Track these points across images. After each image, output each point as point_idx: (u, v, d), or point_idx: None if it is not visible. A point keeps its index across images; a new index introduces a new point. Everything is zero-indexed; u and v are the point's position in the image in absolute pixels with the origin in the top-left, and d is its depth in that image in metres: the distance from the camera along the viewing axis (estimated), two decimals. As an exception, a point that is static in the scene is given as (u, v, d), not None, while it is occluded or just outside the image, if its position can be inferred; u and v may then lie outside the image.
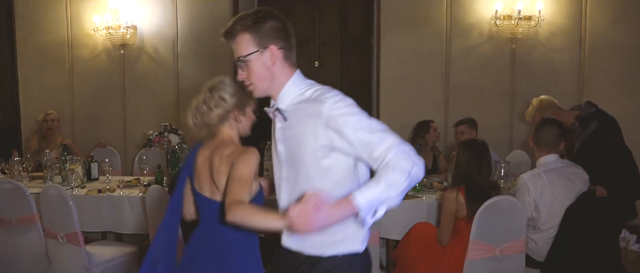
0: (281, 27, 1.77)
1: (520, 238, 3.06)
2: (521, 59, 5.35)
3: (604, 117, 3.64)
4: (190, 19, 5.76)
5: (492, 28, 5.31)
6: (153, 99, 5.92)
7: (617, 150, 3.51)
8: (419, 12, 5.44)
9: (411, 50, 5.47)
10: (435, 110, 5.42)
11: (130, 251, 3.69)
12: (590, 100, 3.84)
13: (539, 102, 4.00)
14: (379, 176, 1.57)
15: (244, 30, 1.76)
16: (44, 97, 6.03)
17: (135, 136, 5.89)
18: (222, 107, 2.03)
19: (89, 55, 5.96)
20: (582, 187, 3.22)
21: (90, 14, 5.81)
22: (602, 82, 5.26)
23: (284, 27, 1.78)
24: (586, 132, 3.61)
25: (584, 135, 3.61)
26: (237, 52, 1.79)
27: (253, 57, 1.76)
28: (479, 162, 3.10)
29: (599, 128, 3.57)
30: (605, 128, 3.57)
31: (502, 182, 3.58)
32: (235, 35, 1.79)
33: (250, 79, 1.79)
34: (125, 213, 3.85)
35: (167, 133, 4.36)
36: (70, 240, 3.34)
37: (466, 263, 3.00)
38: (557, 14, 5.24)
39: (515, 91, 5.40)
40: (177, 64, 5.84)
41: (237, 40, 1.79)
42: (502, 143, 5.35)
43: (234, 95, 2.03)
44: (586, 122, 3.62)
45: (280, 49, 1.76)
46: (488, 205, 2.95)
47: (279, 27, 1.77)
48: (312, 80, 1.81)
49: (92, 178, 4.33)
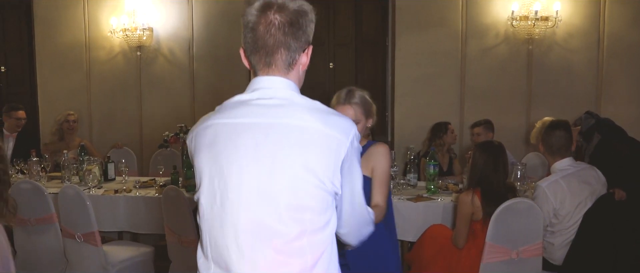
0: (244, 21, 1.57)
1: (537, 242, 3.03)
2: (538, 60, 5.29)
3: (604, 126, 3.59)
4: (206, 21, 5.80)
5: (508, 29, 5.27)
6: (169, 100, 5.97)
7: (627, 156, 3.45)
8: (434, 13, 5.41)
9: (426, 51, 5.44)
10: (451, 112, 5.39)
11: (146, 251, 3.72)
12: (589, 110, 3.80)
13: (542, 123, 3.98)
14: None
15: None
16: (62, 98, 6.11)
17: (151, 137, 5.93)
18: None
19: (106, 57, 6.03)
20: (601, 190, 3.17)
21: (107, 16, 5.88)
22: (620, 84, 5.19)
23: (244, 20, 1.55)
24: (591, 146, 3.58)
25: (590, 149, 3.58)
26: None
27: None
28: (495, 164, 3.07)
29: (601, 139, 3.53)
30: (607, 138, 3.53)
31: (518, 185, 3.54)
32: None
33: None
34: (141, 214, 3.89)
35: (183, 134, 4.39)
36: (88, 240, 3.37)
37: (482, 266, 2.98)
38: (575, 15, 5.17)
39: (532, 93, 5.35)
40: (193, 66, 5.88)
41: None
42: (519, 145, 5.29)
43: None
44: (589, 136, 3.59)
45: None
46: (504, 207, 2.92)
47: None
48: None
49: (109, 179, 4.37)
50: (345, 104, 2.34)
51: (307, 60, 1.48)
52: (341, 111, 2.21)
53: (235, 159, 1.39)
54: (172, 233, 3.36)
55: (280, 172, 1.35)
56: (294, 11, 1.41)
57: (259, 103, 1.43)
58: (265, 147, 1.37)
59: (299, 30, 1.42)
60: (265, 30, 1.40)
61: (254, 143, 1.38)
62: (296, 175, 1.35)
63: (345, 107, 2.33)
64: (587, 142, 3.62)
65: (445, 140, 4.70)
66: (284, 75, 1.45)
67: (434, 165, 3.86)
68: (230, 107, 1.48)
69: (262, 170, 1.36)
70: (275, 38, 1.40)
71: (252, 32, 1.42)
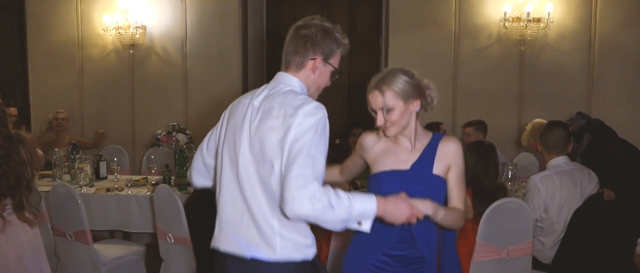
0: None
1: (527, 241, 3.05)
2: (530, 61, 5.32)
3: (595, 127, 3.63)
4: (199, 19, 5.79)
5: (500, 30, 5.30)
6: (161, 98, 5.96)
7: (617, 156, 3.48)
8: (427, 14, 5.43)
9: (419, 51, 5.47)
10: (443, 112, 5.41)
11: (137, 250, 3.71)
12: (580, 111, 3.84)
13: (532, 125, 4.09)
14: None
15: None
16: (55, 96, 6.08)
17: (143, 135, 5.92)
18: None
19: (99, 55, 6.01)
20: (592, 190, 3.20)
21: (100, 13, 5.86)
22: (611, 85, 5.23)
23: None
24: (582, 146, 3.61)
25: (581, 149, 3.61)
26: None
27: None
28: (486, 164, 3.09)
29: (592, 139, 3.57)
30: (598, 138, 3.57)
31: (509, 184, 3.57)
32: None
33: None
34: (133, 212, 3.88)
35: (175, 132, 4.39)
36: (79, 239, 3.37)
37: (472, 265, 2.99)
38: (567, 16, 5.21)
39: (524, 93, 5.38)
40: (186, 64, 5.87)
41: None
42: (510, 146, 5.33)
43: None
44: (579, 136, 3.63)
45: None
46: (495, 207, 2.94)
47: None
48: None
49: (101, 177, 4.36)
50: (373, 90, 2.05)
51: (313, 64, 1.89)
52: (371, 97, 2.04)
53: None
54: (164, 232, 3.36)
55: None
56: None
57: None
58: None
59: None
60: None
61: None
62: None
63: (373, 92, 2.05)
64: (578, 142, 3.66)
65: None
66: (292, 73, 1.88)
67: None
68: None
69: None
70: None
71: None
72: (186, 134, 4.45)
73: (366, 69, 7.25)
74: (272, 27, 7.01)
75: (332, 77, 1.95)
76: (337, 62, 1.95)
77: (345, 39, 1.93)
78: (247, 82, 5.94)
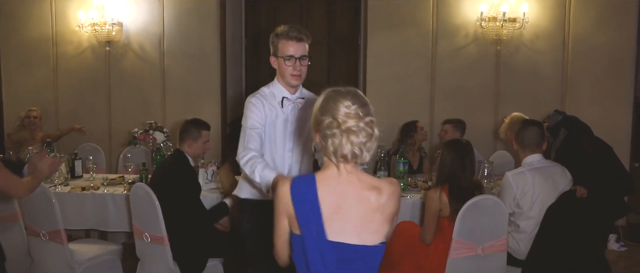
0: None
1: (502, 238, 3.10)
2: (505, 60, 5.41)
3: (571, 123, 3.71)
4: (177, 16, 5.73)
5: (477, 29, 5.36)
6: (138, 96, 5.89)
7: (592, 153, 3.56)
8: (405, 13, 5.47)
9: (397, 50, 5.50)
10: (421, 110, 5.46)
11: (113, 249, 3.67)
12: (557, 109, 3.93)
13: (510, 118, 4.17)
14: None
15: (308, 40, 2.59)
16: (28, 93, 5.96)
17: (120, 134, 5.85)
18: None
19: (74, 52, 5.91)
20: (565, 187, 3.27)
21: (75, 10, 5.76)
22: (584, 84, 5.34)
23: None
24: (557, 141, 3.68)
25: (556, 144, 3.68)
26: (304, 51, 2.58)
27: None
28: (462, 162, 3.13)
29: (568, 135, 3.64)
30: (574, 133, 3.64)
31: (485, 182, 3.62)
32: (306, 40, 2.57)
33: (303, 74, 2.61)
34: (109, 211, 3.84)
35: (153, 131, 4.35)
36: (53, 238, 3.31)
37: (449, 261, 3.04)
38: (541, 17, 5.30)
39: (500, 92, 5.46)
40: (164, 62, 5.81)
41: (306, 44, 2.58)
42: (486, 144, 5.40)
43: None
44: (555, 131, 3.71)
45: None
46: (470, 204, 2.99)
47: None
48: None
49: (76, 176, 4.30)
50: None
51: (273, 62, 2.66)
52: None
53: None
54: (140, 231, 3.33)
55: None
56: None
57: None
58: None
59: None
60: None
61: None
62: None
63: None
64: (554, 137, 3.72)
65: (416, 138, 4.75)
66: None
67: (404, 162, 3.91)
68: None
69: None
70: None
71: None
72: (164, 132, 4.41)
73: (344, 68, 7.28)
74: (250, 26, 6.99)
75: (289, 62, 2.57)
76: (285, 51, 2.56)
77: (280, 28, 2.57)
78: (225, 80, 5.91)
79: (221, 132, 5.85)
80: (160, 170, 3.59)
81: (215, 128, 5.31)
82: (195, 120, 3.56)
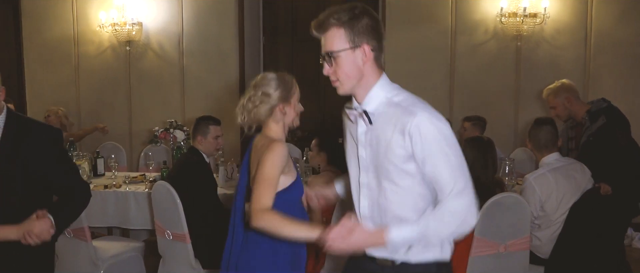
0: (376, 26, 1.69)
1: (525, 236, 3.07)
2: (526, 56, 5.34)
3: (613, 113, 3.61)
4: (196, 15, 5.77)
5: (497, 25, 5.31)
6: (158, 95, 5.95)
7: (622, 148, 3.49)
8: (423, 9, 5.43)
9: (416, 47, 5.47)
10: (440, 108, 5.34)
11: (135, 246, 3.72)
12: (604, 97, 3.81)
13: (560, 83, 3.84)
14: (426, 216, 1.64)
15: (339, 25, 1.68)
16: (50, 93, 6.06)
17: (140, 132, 5.91)
18: (268, 102, 2.11)
19: (95, 52, 5.99)
20: (586, 184, 3.22)
21: (96, 10, 5.84)
22: (606, 80, 5.25)
23: (378, 26, 1.71)
24: (593, 126, 3.59)
25: (591, 129, 3.59)
26: (327, 46, 1.71)
27: (343, 54, 1.68)
28: (484, 159, 3.11)
29: (606, 123, 3.54)
30: (612, 124, 3.55)
31: (506, 179, 3.59)
32: (327, 28, 1.70)
33: (336, 75, 1.71)
34: (131, 209, 3.89)
35: (173, 129, 4.39)
36: (77, 236, 3.36)
37: (470, 259, 3.01)
38: (563, 12, 5.22)
39: (520, 89, 5.40)
40: (183, 61, 5.86)
41: (328, 34, 1.70)
42: (507, 141, 5.34)
43: (277, 89, 2.11)
44: (595, 116, 3.61)
45: (372, 50, 1.69)
46: (492, 202, 2.96)
47: (374, 26, 1.69)
48: (398, 85, 1.78)
49: (98, 174, 4.36)
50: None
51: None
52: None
53: None
54: (162, 229, 3.36)
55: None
56: None
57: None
58: None
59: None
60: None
61: None
62: None
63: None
64: (592, 122, 3.62)
65: None
66: None
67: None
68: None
69: None
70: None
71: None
72: (184, 131, 4.45)
73: (363, 65, 7.27)
74: (268, 24, 7.00)
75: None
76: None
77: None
78: (244, 78, 5.93)
79: (240, 130, 5.88)
80: (174, 167, 3.64)
81: (235, 126, 5.34)
82: (203, 116, 3.61)
